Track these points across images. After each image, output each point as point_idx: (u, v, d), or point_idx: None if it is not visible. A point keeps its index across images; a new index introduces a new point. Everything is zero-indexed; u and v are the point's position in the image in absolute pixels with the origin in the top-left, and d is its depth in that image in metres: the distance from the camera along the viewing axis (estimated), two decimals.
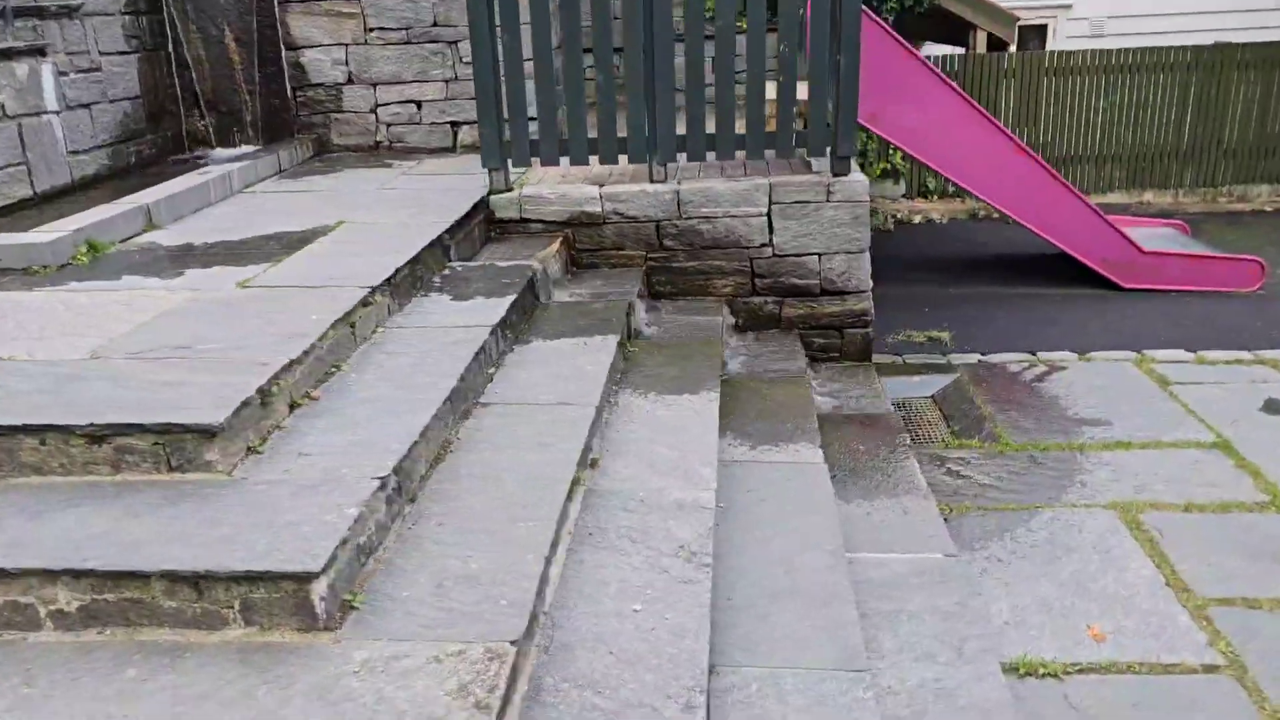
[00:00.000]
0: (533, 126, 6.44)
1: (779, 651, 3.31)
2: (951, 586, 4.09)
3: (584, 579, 3.29)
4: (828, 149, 6.35)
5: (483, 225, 6.42)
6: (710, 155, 6.41)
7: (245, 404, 3.35)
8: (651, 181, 6.51)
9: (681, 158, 6.46)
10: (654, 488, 3.89)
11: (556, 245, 6.31)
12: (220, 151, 8.06)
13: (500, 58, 6.20)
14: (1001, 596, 4.28)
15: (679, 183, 6.51)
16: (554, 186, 6.59)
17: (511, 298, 5.08)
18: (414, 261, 5.12)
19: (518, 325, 5.15)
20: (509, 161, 6.48)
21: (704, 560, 3.41)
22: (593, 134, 6.38)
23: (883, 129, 8.38)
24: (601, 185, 6.54)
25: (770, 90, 6.38)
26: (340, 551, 2.86)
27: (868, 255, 6.47)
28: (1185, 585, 4.30)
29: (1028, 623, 4.11)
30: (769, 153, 6.40)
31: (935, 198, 12.30)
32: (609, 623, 3.07)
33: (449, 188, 6.69)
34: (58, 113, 6.63)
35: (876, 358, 7.14)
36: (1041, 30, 14.97)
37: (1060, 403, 6.34)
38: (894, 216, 11.67)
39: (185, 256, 5.21)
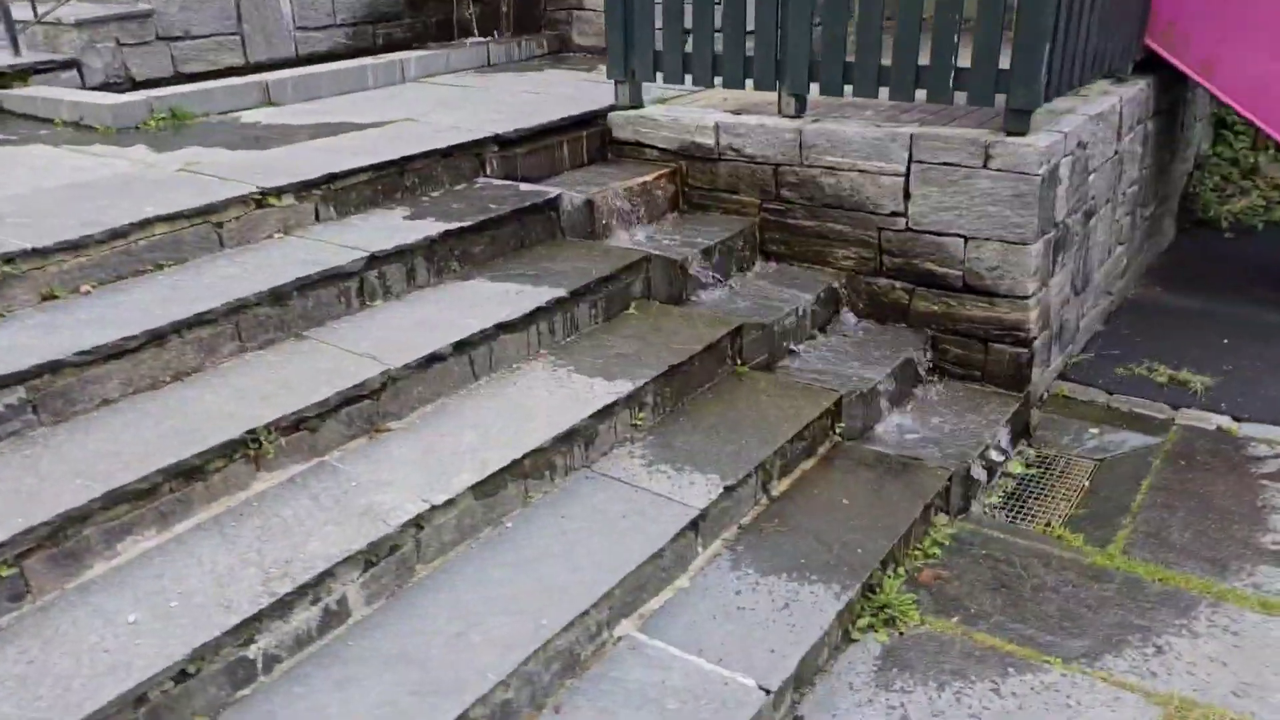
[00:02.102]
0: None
1: None
2: None
3: None
4: (996, 95, 4.64)
5: (594, 141, 5.67)
6: (848, 90, 5.00)
7: None
8: (780, 114, 5.28)
9: (824, 94, 5.12)
10: None
11: (654, 176, 5.39)
12: (469, 40, 8.06)
13: None
14: None
15: (805, 120, 5.20)
16: (671, 109, 5.63)
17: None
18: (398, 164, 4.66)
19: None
20: (634, 74, 5.63)
21: None
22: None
23: (1223, 83, 6.00)
24: (726, 114, 5.45)
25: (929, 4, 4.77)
26: None
27: (1036, 250, 4.68)
28: None
29: None
30: (922, 95, 4.83)
31: None
32: None
33: (581, 96, 6.00)
34: None
35: (1079, 389, 5.33)
36: None
37: (1269, 520, 4.17)
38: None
39: (253, 133, 5.24)
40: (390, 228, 4.32)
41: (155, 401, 3.32)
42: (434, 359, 3.73)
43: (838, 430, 4.37)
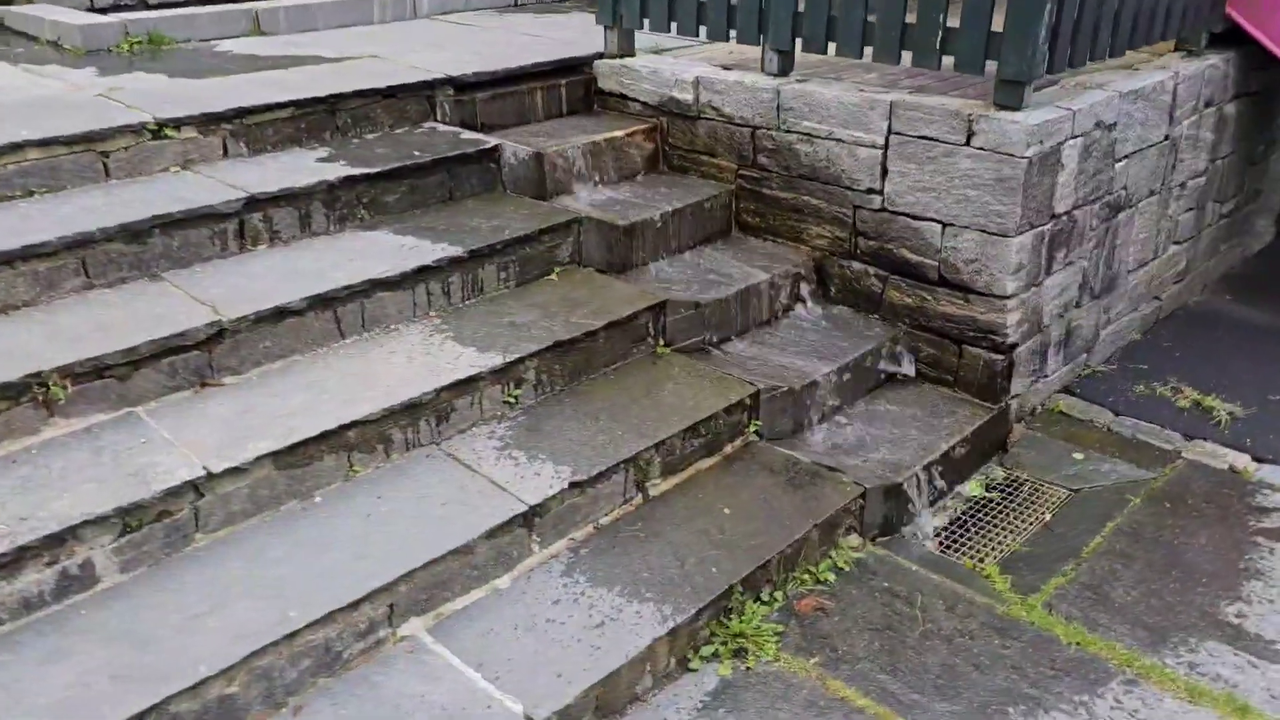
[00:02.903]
0: None
1: None
2: None
3: None
4: (986, 62, 4.00)
5: (577, 91, 5.27)
6: (832, 48, 4.44)
7: None
8: (763, 71, 4.76)
9: (806, 50, 4.56)
10: None
11: (627, 132, 4.97)
12: None
13: None
14: None
15: (786, 81, 4.66)
16: (651, 61, 5.16)
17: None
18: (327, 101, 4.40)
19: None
20: (621, 19, 5.19)
21: None
22: None
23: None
24: (711, 68, 4.96)
25: None
26: None
27: (1019, 244, 4.05)
28: None
29: None
30: (913, 59, 4.22)
31: None
32: None
33: (582, 42, 5.59)
34: None
35: (1081, 406, 4.69)
36: None
37: (1243, 587, 3.50)
38: None
39: (212, 63, 5.09)
40: (296, 168, 4.07)
41: None
42: (284, 313, 3.47)
43: (753, 428, 3.91)
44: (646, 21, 5.08)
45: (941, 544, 3.84)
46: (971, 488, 4.16)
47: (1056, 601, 3.43)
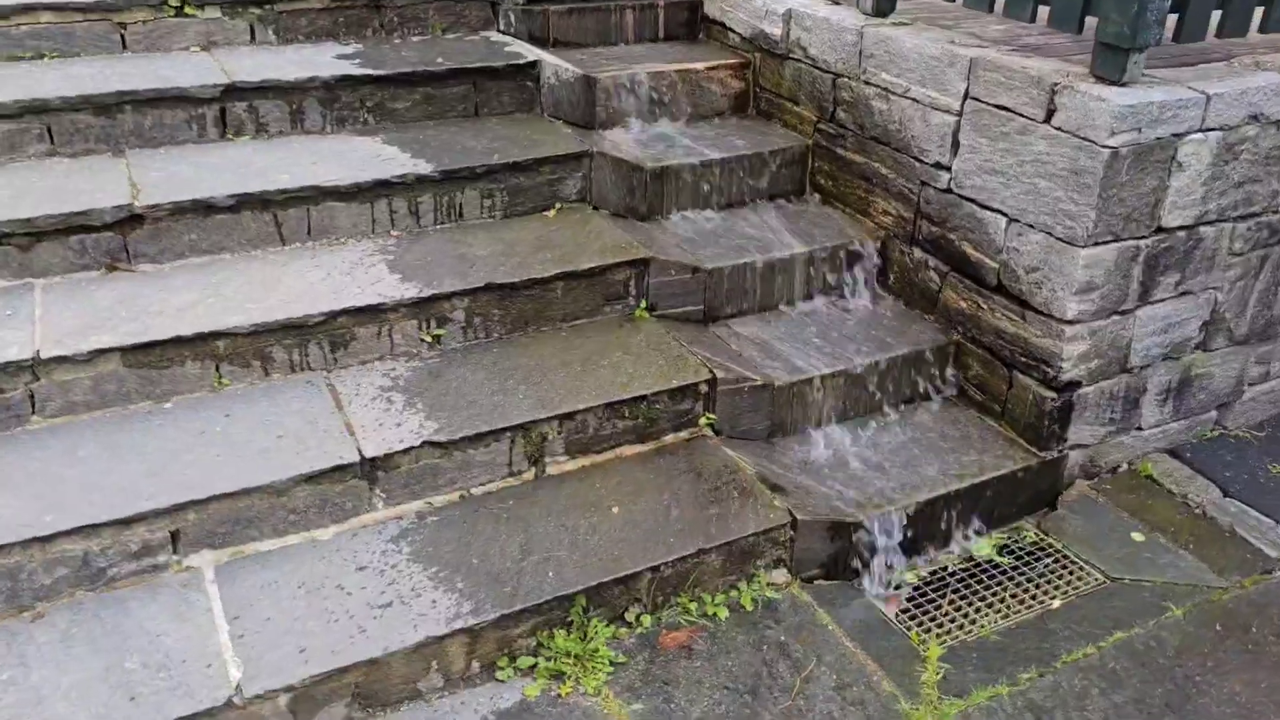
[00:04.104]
0: None
1: None
2: None
3: None
4: (1085, 17, 3.08)
5: (678, 13, 4.73)
6: None
7: None
8: (859, 8, 4.00)
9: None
10: None
11: (708, 66, 4.38)
12: None
13: None
14: None
15: (872, 22, 3.88)
16: None
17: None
18: None
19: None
20: None
21: None
22: None
23: None
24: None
25: None
26: None
27: (1090, 257, 3.14)
28: None
29: None
30: (1046, 12, 3.33)
31: None
32: None
33: None
34: None
35: (1180, 473, 3.68)
36: None
37: None
38: None
39: None
40: (306, 62, 3.89)
41: None
42: (210, 207, 3.32)
43: (705, 421, 3.34)
44: None
45: (901, 605, 3.13)
46: (981, 545, 3.37)
47: (977, 717, 2.67)
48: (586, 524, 2.94)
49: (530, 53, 4.14)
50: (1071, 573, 3.26)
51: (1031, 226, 3.29)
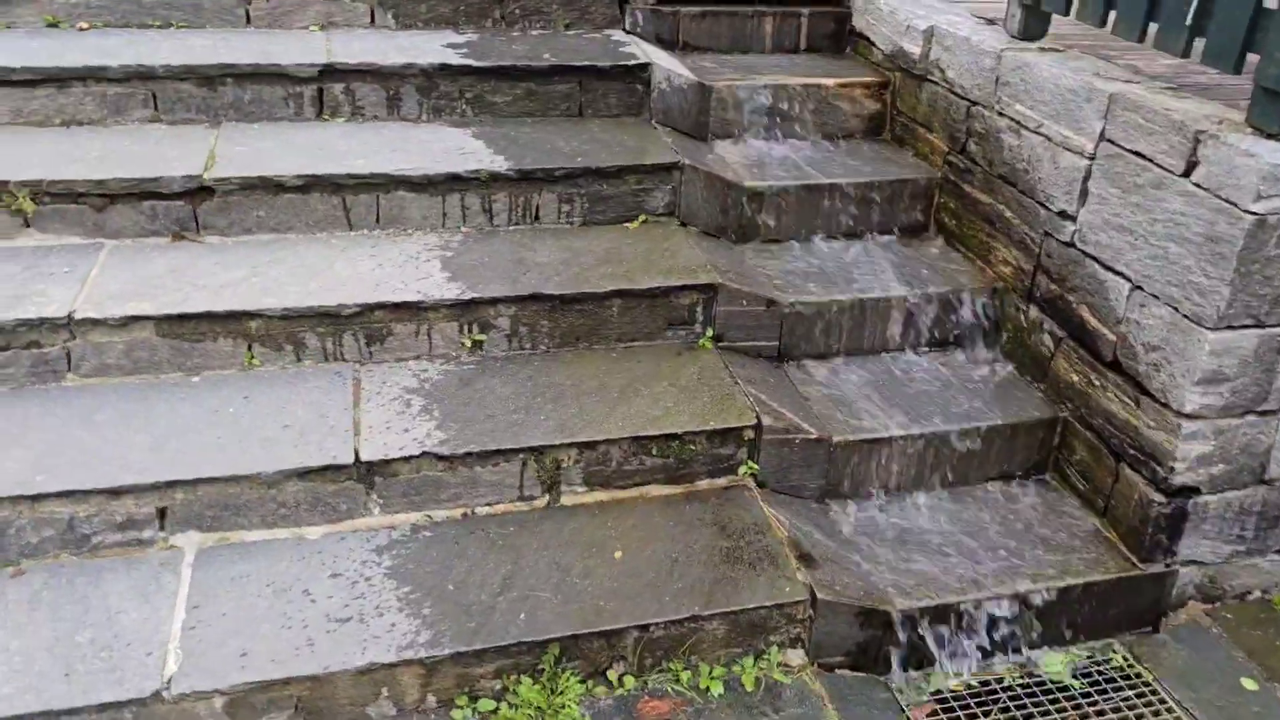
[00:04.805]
0: None
1: None
2: None
3: None
4: (1246, 54, 2.54)
5: (825, 23, 4.39)
6: (1091, 6, 3.13)
7: None
8: (1006, 29, 3.54)
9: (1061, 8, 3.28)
10: None
11: (840, 82, 4.03)
12: None
13: None
14: None
15: (1014, 45, 3.41)
16: (903, 1, 4.08)
17: None
18: None
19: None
20: None
21: None
22: None
23: None
24: (955, 15, 3.81)
25: None
26: None
27: (1215, 341, 2.60)
28: None
29: None
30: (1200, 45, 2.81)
31: None
32: None
33: None
34: None
35: None
36: None
37: None
38: None
39: None
40: (411, 48, 3.83)
41: (25, 136, 3.43)
42: (279, 186, 3.30)
43: (746, 470, 3.03)
44: None
45: (931, 712, 2.71)
46: (1051, 661, 2.88)
47: None
48: (581, 565, 2.71)
49: (645, 55, 3.92)
50: (1157, 714, 2.73)
51: (1156, 297, 2.77)
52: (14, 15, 3.76)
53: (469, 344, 3.16)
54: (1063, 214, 3.13)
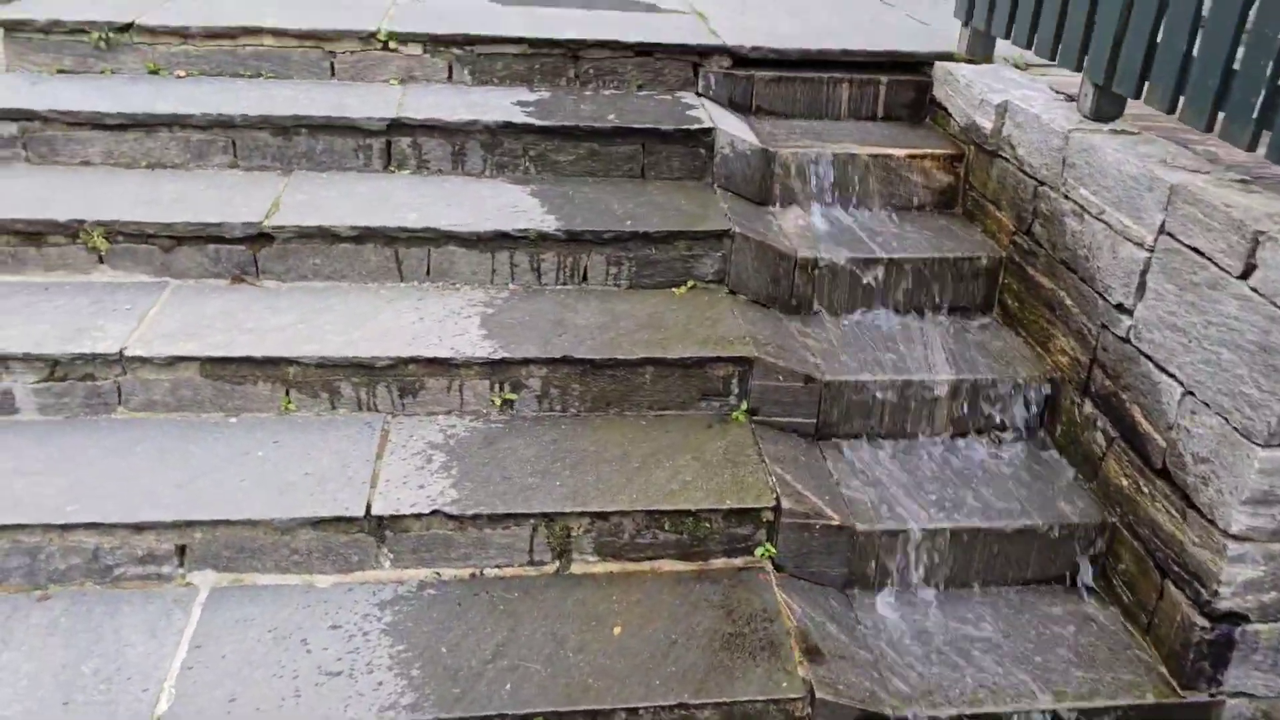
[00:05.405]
0: None
1: None
2: None
3: None
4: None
5: (905, 92, 4.29)
6: (1160, 91, 2.97)
7: None
8: (1079, 109, 3.39)
9: (1114, 85, 3.11)
10: None
11: (910, 153, 3.94)
12: None
13: None
14: None
15: (1085, 126, 3.25)
16: (971, 71, 3.96)
17: None
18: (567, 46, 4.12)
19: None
20: (972, 13, 4.06)
21: None
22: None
23: None
24: (1032, 90, 3.68)
25: None
26: None
27: (1266, 459, 2.39)
28: None
29: None
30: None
31: None
32: None
33: (936, 32, 4.46)
34: None
35: None
36: None
37: None
38: None
39: None
40: (480, 104, 3.91)
41: (112, 177, 3.64)
42: (334, 236, 3.41)
43: (763, 552, 2.94)
44: (989, 21, 3.91)
45: None
46: None
47: None
48: (578, 639, 2.67)
49: (711, 119, 3.90)
50: None
51: (1207, 405, 2.58)
52: (120, 62, 4.01)
53: (499, 402, 3.18)
54: (1120, 307, 2.96)
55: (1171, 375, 2.73)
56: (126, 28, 3.97)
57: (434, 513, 2.79)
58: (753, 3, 5.10)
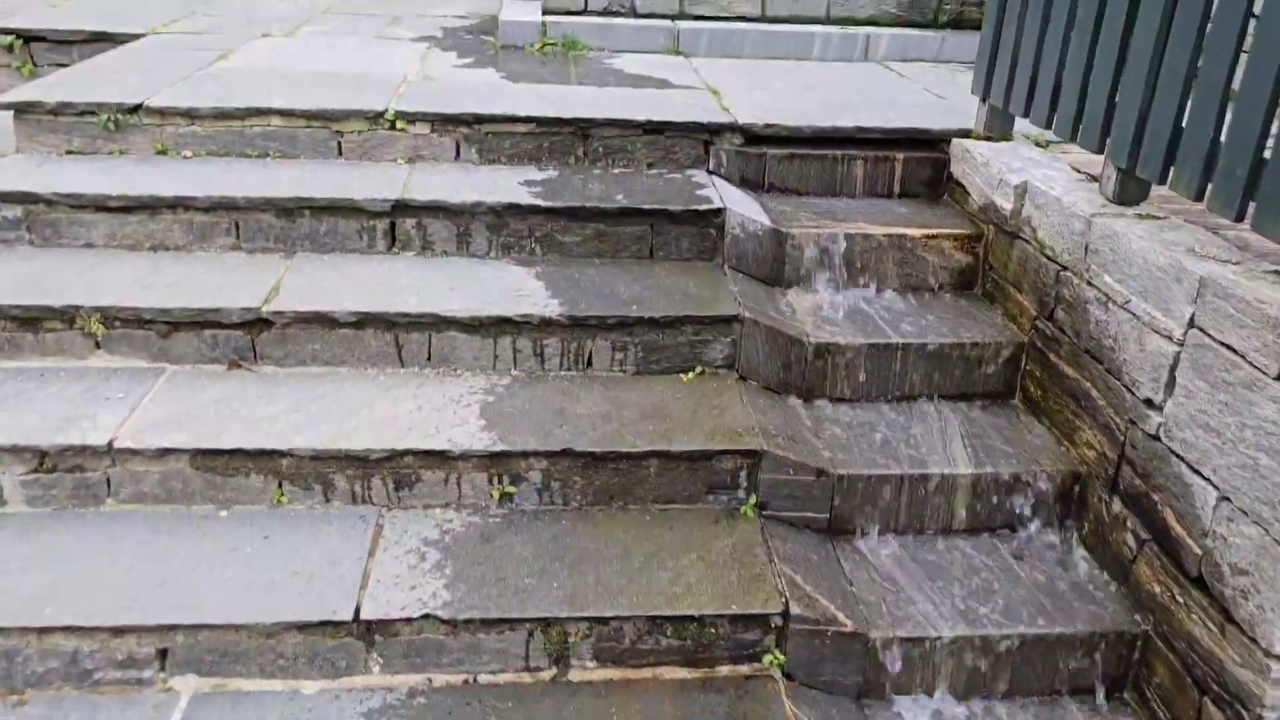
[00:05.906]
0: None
1: None
2: None
3: None
4: None
5: (921, 169, 4.19)
6: (1186, 177, 2.85)
7: None
8: (1101, 191, 3.27)
9: (1139, 169, 3.00)
10: None
11: (928, 234, 3.83)
12: None
13: None
14: None
15: (1107, 210, 3.13)
16: (989, 149, 3.86)
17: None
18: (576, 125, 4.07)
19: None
20: (988, 91, 3.97)
21: None
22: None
23: None
24: (1051, 170, 3.57)
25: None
26: None
27: None
28: None
29: None
30: None
31: None
32: None
33: (954, 108, 4.37)
34: None
35: None
36: None
37: None
38: None
39: (596, 72, 5.07)
40: (486, 184, 3.85)
41: (114, 259, 3.60)
42: (333, 321, 3.33)
43: (771, 660, 2.78)
44: (1006, 99, 3.82)
45: None
46: None
47: None
48: None
49: (721, 198, 3.82)
50: None
51: (1245, 513, 2.42)
52: (128, 142, 3.99)
53: (498, 495, 3.07)
54: (1148, 402, 2.81)
55: (1206, 479, 2.57)
56: (135, 109, 3.96)
57: (425, 616, 2.66)
58: (766, 78, 5.04)
